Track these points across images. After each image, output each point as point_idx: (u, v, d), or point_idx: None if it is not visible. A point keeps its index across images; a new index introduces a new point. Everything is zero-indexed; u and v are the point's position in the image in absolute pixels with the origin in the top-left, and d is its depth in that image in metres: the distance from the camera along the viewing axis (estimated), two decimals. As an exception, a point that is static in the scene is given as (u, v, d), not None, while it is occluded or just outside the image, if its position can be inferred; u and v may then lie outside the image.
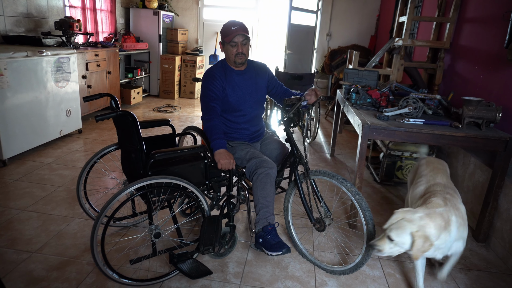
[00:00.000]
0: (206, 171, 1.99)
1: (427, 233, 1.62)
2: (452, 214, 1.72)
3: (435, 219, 1.66)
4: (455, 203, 1.80)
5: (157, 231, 1.84)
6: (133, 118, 1.76)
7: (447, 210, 1.72)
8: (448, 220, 1.69)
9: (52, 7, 4.41)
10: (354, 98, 2.94)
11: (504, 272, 2.19)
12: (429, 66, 3.64)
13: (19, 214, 2.43)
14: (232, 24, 2.08)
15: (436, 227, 1.65)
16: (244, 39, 2.09)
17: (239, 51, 2.09)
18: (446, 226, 1.68)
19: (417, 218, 1.65)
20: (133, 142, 1.80)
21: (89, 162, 2.20)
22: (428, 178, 2.09)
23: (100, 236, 1.70)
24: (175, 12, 6.83)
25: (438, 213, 1.70)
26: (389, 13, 5.65)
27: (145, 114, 5.30)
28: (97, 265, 1.68)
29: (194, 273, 1.83)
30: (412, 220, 1.65)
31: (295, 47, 6.00)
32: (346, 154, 4.21)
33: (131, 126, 1.77)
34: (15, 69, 3.14)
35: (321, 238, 2.38)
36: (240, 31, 2.06)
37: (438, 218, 1.67)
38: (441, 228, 1.66)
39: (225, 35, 2.10)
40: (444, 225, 1.67)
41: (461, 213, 1.79)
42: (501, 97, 2.55)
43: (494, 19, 2.74)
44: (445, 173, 2.17)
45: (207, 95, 2.12)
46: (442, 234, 1.66)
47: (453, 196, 1.87)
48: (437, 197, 1.81)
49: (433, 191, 1.91)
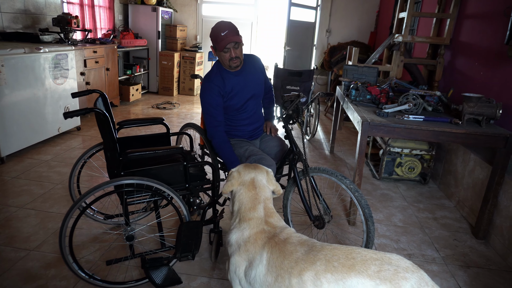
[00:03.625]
0: (186, 173, 1.90)
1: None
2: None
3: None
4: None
5: (130, 234, 1.77)
6: (105, 117, 1.70)
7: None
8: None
9: (49, 3, 4.38)
10: (354, 95, 2.93)
11: (503, 269, 2.18)
12: (429, 62, 3.62)
13: (17, 212, 2.42)
14: (221, 29, 1.98)
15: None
16: (236, 43, 2.01)
17: (232, 56, 2.01)
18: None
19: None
20: (107, 140, 1.76)
21: (78, 161, 2.18)
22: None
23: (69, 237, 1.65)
24: (174, 8, 6.79)
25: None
26: (389, 9, 5.62)
27: (144, 111, 5.28)
28: (62, 254, 1.63)
29: (161, 282, 1.73)
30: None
31: (295, 44, 5.98)
32: (345, 150, 4.19)
33: (104, 124, 1.72)
34: (12, 66, 3.11)
35: (321, 235, 2.37)
36: (231, 38, 1.96)
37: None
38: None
39: (215, 42, 2.01)
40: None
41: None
42: (501, 93, 2.54)
43: (495, 15, 2.72)
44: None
45: (209, 113, 2.09)
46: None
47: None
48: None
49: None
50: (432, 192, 3.19)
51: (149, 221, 2.38)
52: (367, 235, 1.88)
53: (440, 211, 2.86)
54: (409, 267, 1.09)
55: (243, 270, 1.29)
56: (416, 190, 3.21)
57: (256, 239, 1.30)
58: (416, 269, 1.09)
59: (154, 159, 1.99)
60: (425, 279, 1.07)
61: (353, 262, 1.11)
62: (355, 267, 1.09)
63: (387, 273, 1.07)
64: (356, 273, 1.08)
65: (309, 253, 1.18)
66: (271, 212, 1.40)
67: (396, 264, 1.09)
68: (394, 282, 1.05)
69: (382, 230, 2.53)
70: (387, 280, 1.05)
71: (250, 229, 1.33)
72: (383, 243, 2.38)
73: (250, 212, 1.37)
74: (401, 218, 2.71)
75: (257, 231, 1.32)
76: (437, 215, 2.79)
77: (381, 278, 1.06)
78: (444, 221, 2.70)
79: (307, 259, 1.17)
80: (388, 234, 2.49)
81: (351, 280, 1.08)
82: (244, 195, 1.41)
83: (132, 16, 6.26)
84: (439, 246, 2.37)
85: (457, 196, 2.92)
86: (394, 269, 1.07)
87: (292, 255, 1.20)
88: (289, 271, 1.17)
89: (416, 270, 1.09)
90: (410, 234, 2.50)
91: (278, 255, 1.22)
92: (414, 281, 1.05)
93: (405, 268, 1.08)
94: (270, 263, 1.23)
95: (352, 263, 1.11)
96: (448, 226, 2.63)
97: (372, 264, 1.09)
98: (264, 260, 1.24)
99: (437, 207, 2.92)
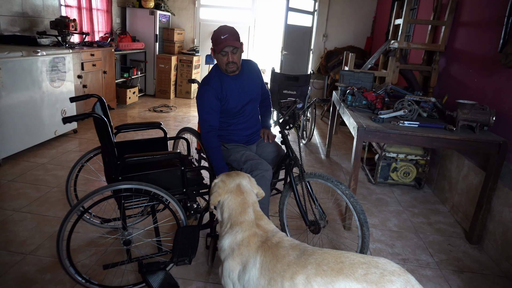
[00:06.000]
0: (183, 178, 1.92)
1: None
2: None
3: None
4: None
5: (127, 238, 1.77)
6: (103, 122, 1.71)
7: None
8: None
9: (47, 6, 4.39)
10: (350, 100, 2.95)
11: (496, 274, 2.21)
12: (424, 68, 3.66)
13: (13, 215, 2.41)
14: (222, 33, 1.99)
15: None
16: (234, 48, 2.02)
17: (229, 60, 2.03)
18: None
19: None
20: (105, 145, 1.78)
21: (76, 164, 2.19)
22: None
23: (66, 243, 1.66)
24: (172, 12, 6.81)
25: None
26: (385, 15, 5.67)
27: (141, 114, 5.29)
28: (59, 258, 1.63)
29: (158, 286, 1.74)
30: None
31: (292, 48, 6.01)
32: (341, 155, 4.22)
33: (102, 129, 1.74)
34: (10, 69, 3.11)
35: (316, 240, 2.38)
36: (229, 42, 1.97)
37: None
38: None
39: (215, 44, 2.03)
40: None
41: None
42: (494, 100, 2.57)
43: (489, 23, 2.76)
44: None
45: (203, 117, 2.10)
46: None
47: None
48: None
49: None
50: (427, 197, 3.22)
51: (146, 225, 2.39)
52: (362, 241, 1.90)
53: (435, 216, 2.88)
54: (396, 270, 1.11)
55: (236, 274, 1.31)
56: (411, 195, 3.24)
57: (249, 242, 1.32)
58: (402, 272, 1.12)
59: (151, 163, 2.00)
60: (411, 282, 1.09)
61: (341, 266, 1.14)
62: (343, 271, 1.12)
63: (374, 276, 1.09)
64: (344, 277, 1.11)
65: (300, 257, 1.21)
66: (260, 215, 1.44)
67: (383, 267, 1.12)
68: (380, 285, 1.07)
69: (377, 235, 2.55)
70: (373, 283, 1.08)
71: (243, 232, 1.35)
72: (378, 248, 2.40)
73: (241, 216, 1.40)
74: (396, 223, 2.73)
75: (250, 234, 1.35)
76: (432, 220, 2.82)
77: (368, 281, 1.09)
78: (438, 226, 2.72)
79: (298, 262, 1.19)
80: (383, 239, 2.51)
81: (339, 283, 1.11)
82: (233, 201, 1.44)
83: (129, 19, 6.27)
84: (433, 251, 2.40)
85: (451, 201, 2.95)
86: (381, 272, 1.10)
87: (285, 258, 1.23)
88: (282, 274, 1.19)
89: (402, 273, 1.11)
90: (405, 239, 2.53)
91: (271, 258, 1.25)
92: (400, 284, 1.08)
93: (391, 271, 1.11)
94: (263, 266, 1.25)
95: (340, 267, 1.14)
96: (443, 231, 2.66)
97: (360, 268, 1.12)
98: (257, 264, 1.26)
99: (432, 212, 2.95)
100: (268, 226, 1.41)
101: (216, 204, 1.50)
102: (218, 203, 1.49)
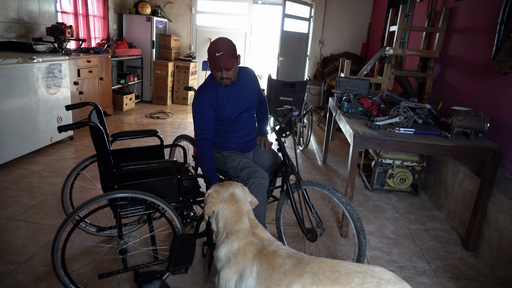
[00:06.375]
0: (179, 186, 1.90)
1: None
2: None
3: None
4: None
5: (123, 247, 1.76)
6: (99, 130, 1.71)
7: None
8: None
9: (43, 12, 4.39)
10: (346, 107, 2.97)
11: (492, 281, 2.21)
12: (419, 75, 3.69)
13: (7, 224, 2.39)
14: (217, 49, 1.97)
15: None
16: (227, 69, 2.02)
17: (223, 76, 2.04)
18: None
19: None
20: (101, 153, 1.77)
21: (71, 172, 2.18)
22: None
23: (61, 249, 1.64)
24: (168, 18, 6.83)
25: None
26: (381, 21, 5.72)
27: (138, 121, 5.28)
28: (54, 267, 1.62)
29: None
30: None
31: (288, 54, 6.04)
32: (338, 161, 4.23)
33: (98, 137, 1.73)
34: (5, 76, 3.11)
35: (313, 247, 2.38)
36: (223, 63, 1.97)
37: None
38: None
39: (209, 60, 2.04)
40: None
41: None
42: (488, 107, 2.60)
43: (482, 31, 2.79)
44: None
45: (197, 125, 2.11)
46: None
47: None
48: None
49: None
50: (423, 203, 3.23)
51: (142, 233, 2.37)
52: (359, 249, 1.90)
53: (431, 222, 2.89)
54: (392, 279, 1.12)
55: (233, 284, 1.31)
56: (408, 201, 3.25)
57: (245, 251, 1.32)
58: (398, 280, 1.12)
59: (148, 172, 1.99)
60: None
61: (337, 275, 1.14)
62: (339, 280, 1.12)
63: (370, 285, 1.09)
64: (340, 286, 1.11)
65: (297, 266, 1.21)
66: (255, 223, 1.44)
67: (379, 276, 1.12)
68: None
69: (374, 242, 2.55)
70: None
71: (239, 241, 1.35)
72: (375, 255, 2.39)
73: (236, 224, 1.40)
74: (392, 229, 2.74)
75: (246, 242, 1.34)
76: (428, 226, 2.82)
77: None
78: (435, 233, 2.73)
79: (295, 271, 1.19)
80: (380, 246, 2.51)
81: None
82: (228, 210, 1.44)
83: (126, 26, 6.28)
84: (430, 258, 2.40)
85: (448, 207, 2.96)
86: (377, 281, 1.10)
87: (281, 267, 1.22)
88: (278, 283, 1.19)
89: (398, 281, 1.12)
90: (401, 246, 2.53)
91: (267, 267, 1.25)
92: None
93: (387, 280, 1.11)
94: (259, 275, 1.25)
95: (336, 276, 1.14)
96: (439, 238, 2.66)
97: (356, 277, 1.12)
98: (254, 273, 1.26)
99: (428, 218, 2.96)
100: (264, 234, 1.41)
101: (211, 215, 1.49)
102: (212, 214, 1.49)
